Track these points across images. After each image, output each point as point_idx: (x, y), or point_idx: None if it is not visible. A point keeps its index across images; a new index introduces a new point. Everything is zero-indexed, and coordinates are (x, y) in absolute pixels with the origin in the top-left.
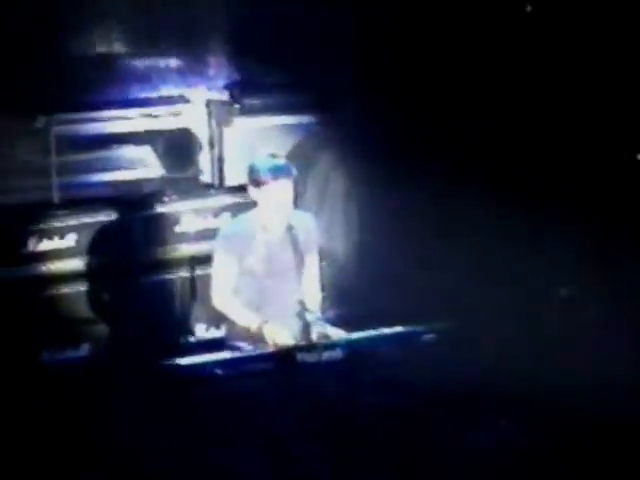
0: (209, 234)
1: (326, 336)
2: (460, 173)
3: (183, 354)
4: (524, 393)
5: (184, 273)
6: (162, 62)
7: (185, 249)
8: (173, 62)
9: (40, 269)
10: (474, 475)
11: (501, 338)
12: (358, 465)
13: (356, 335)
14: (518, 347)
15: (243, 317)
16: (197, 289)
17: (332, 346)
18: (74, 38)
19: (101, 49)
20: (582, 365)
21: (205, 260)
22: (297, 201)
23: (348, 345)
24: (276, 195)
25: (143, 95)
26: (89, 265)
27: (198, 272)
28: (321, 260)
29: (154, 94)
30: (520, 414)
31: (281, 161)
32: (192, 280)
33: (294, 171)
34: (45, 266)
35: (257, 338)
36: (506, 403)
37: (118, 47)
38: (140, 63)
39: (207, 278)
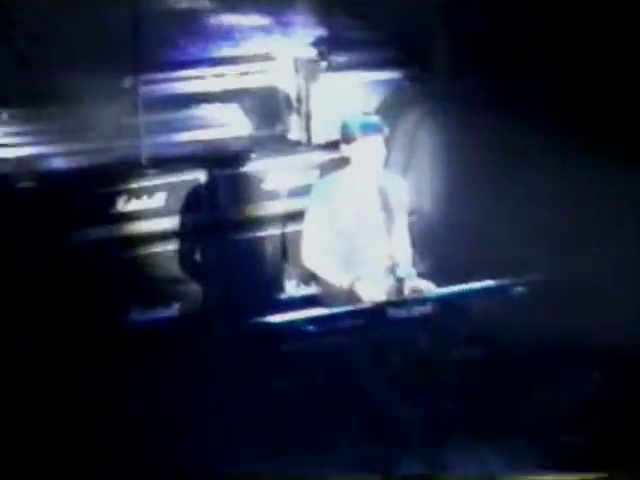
0: (298, 191)
1: (418, 290)
2: (549, 127)
3: (274, 312)
4: (614, 345)
5: (273, 231)
6: (249, 19)
7: (274, 207)
8: (260, 19)
9: (129, 229)
10: (562, 427)
11: (591, 290)
12: (449, 419)
13: (446, 290)
14: (608, 299)
15: (334, 276)
16: (287, 247)
17: (422, 301)
18: None
19: (188, 7)
20: None
21: (294, 218)
22: (387, 158)
23: (438, 300)
24: (366, 151)
25: (230, 53)
26: (179, 224)
27: (288, 230)
28: (410, 215)
29: (241, 52)
30: (611, 367)
31: (372, 118)
32: (282, 238)
33: (385, 128)
34: (134, 226)
35: (350, 296)
36: (596, 355)
37: (205, 5)
38: (227, 21)
39: (297, 235)
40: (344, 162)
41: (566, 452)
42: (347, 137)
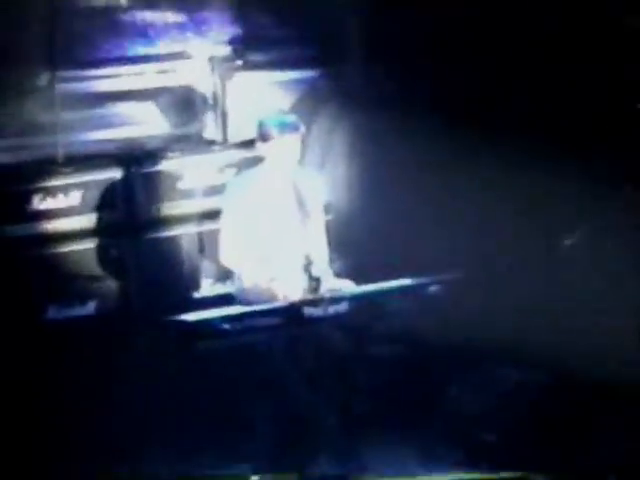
0: (214, 190)
1: (335, 289)
2: (463, 125)
3: (190, 310)
4: (530, 342)
5: (190, 229)
6: (165, 17)
7: (190, 205)
8: (176, 17)
9: (45, 227)
10: (479, 426)
11: (506, 288)
12: (364, 416)
13: (362, 288)
14: (524, 297)
15: (251, 274)
16: (204, 245)
17: (338, 299)
18: None
19: (104, 4)
20: (587, 314)
21: (211, 216)
22: (303, 156)
23: (354, 298)
24: (283, 150)
25: (146, 52)
26: (94, 222)
27: (204, 228)
28: (326, 214)
29: (157, 50)
30: (525, 363)
31: (289, 117)
32: (199, 236)
33: (302, 127)
34: (50, 224)
35: (266, 295)
36: (511, 352)
37: (122, 2)
38: (143, 18)
39: (214, 234)
40: (260, 160)
41: (483, 451)
42: (264, 136)
